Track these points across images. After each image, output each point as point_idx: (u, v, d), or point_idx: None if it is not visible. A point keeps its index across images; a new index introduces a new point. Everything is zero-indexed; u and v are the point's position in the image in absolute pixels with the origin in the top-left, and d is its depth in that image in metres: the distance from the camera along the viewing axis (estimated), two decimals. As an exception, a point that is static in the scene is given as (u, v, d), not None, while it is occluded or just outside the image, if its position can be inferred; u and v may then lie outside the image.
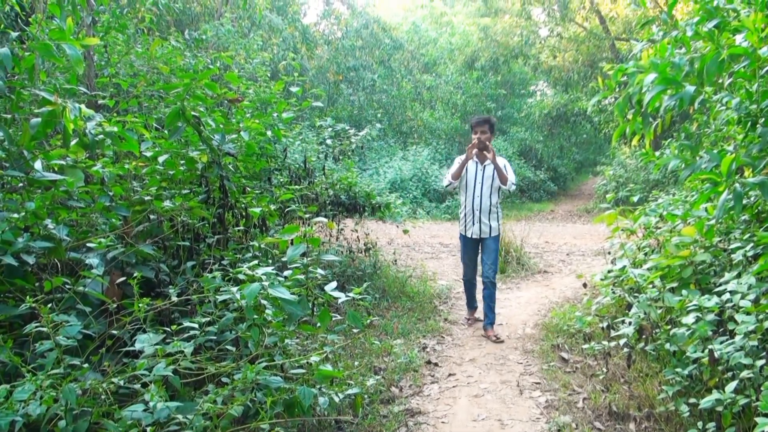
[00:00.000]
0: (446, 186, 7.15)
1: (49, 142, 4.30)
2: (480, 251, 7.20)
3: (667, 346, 4.42)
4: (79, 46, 3.14)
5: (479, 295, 7.51)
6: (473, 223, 7.02)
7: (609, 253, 7.22)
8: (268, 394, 3.29)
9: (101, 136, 3.66)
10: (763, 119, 3.71)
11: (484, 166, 6.93)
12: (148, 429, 2.72)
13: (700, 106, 3.86)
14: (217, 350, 3.56)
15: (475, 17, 27.69)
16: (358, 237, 9.32)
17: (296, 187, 6.79)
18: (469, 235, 7.11)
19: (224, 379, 3.35)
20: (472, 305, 7.68)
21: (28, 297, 2.91)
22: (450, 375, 5.72)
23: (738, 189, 3.32)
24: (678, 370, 4.21)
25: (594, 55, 22.84)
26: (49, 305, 2.95)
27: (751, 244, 4.47)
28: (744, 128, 3.95)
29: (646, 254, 6.07)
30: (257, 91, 7.34)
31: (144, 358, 3.02)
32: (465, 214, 7.12)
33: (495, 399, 5.15)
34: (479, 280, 7.32)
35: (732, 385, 3.51)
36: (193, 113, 4.32)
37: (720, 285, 4.39)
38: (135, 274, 3.35)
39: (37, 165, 3.46)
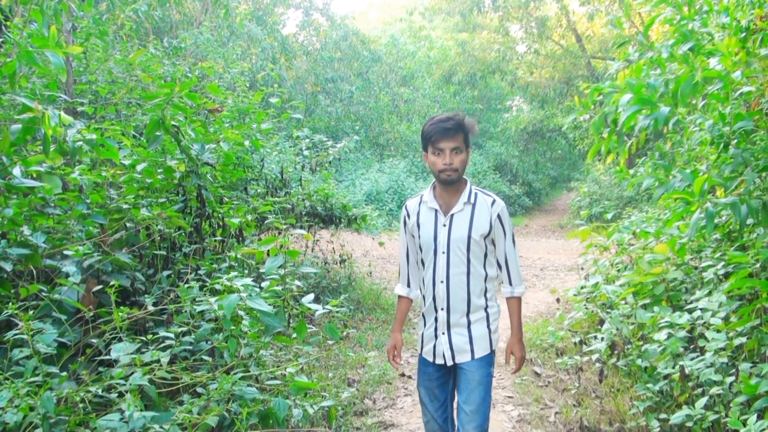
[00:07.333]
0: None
1: (27, 148, 4.28)
2: (454, 386, 3.54)
3: (639, 361, 4.48)
4: (63, 54, 3.13)
5: None
6: (435, 335, 3.40)
7: (582, 268, 7.31)
8: (244, 404, 3.28)
9: (80, 143, 3.64)
10: (735, 141, 3.79)
11: (451, 215, 3.29)
12: (124, 438, 2.72)
13: (674, 126, 3.93)
14: (192, 360, 3.55)
15: (453, 32, 27.91)
16: (333, 248, 9.33)
17: (275, 199, 6.78)
18: (429, 358, 3.46)
19: (200, 389, 3.35)
20: None
21: (11, 304, 2.90)
22: (424, 388, 5.73)
23: (710, 208, 3.38)
24: (649, 385, 4.27)
25: (570, 73, 23.13)
26: (30, 312, 2.94)
27: (722, 263, 4.56)
28: (716, 149, 4.03)
29: (618, 270, 6.15)
30: (236, 101, 7.33)
31: (120, 367, 3.01)
32: (423, 313, 3.55)
33: (468, 412, 5.17)
34: None
35: (702, 401, 3.58)
36: (172, 123, 4.32)
37: (691, 302, 4.48)
38: (111, 283, 3.34)
39: (16, 171, 3.44)
